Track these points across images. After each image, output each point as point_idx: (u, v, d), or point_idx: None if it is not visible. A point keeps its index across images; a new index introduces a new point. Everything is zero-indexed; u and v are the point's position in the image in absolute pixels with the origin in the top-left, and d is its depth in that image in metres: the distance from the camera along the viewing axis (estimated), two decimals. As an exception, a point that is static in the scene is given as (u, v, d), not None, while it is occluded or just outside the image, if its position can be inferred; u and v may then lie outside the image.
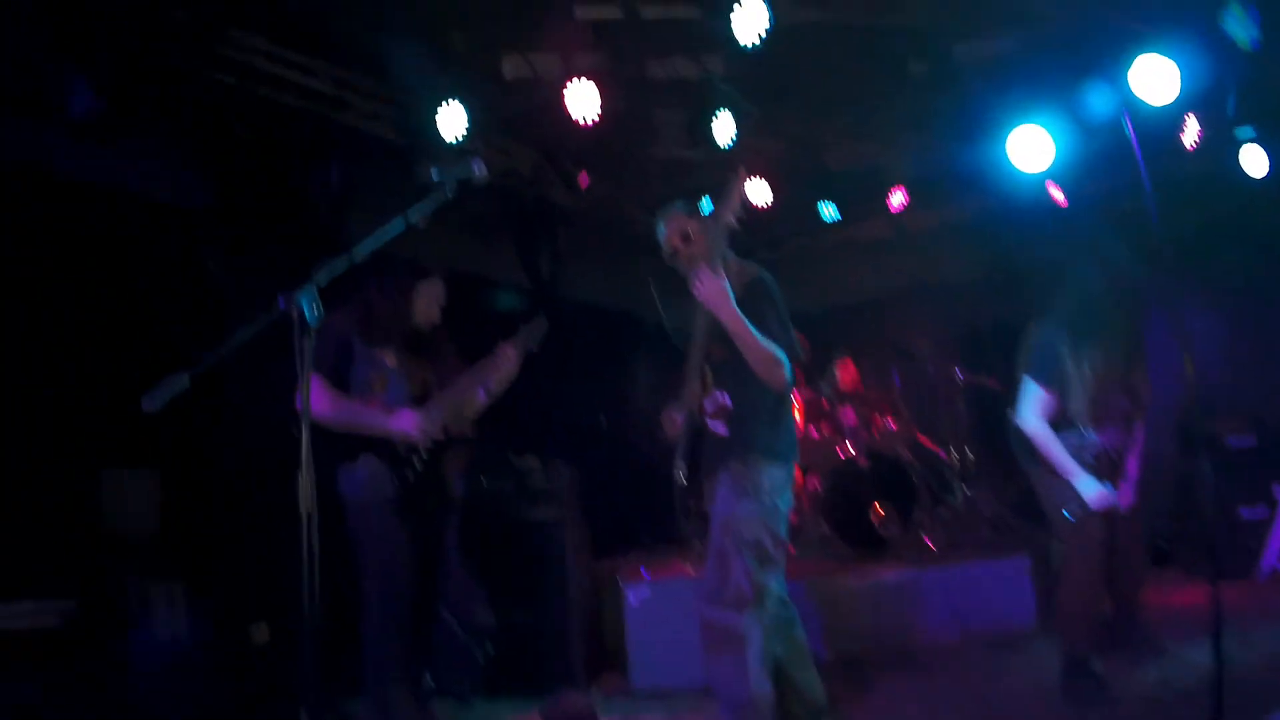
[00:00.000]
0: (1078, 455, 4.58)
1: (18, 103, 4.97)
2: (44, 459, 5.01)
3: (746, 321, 3.63)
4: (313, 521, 2.66)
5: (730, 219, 3.70)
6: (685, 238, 3.99)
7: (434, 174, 3.17)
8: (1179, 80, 6.02)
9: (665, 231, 4.06)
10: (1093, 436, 4.65)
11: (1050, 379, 4.58)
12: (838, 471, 7.15)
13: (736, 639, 3.64)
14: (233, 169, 5.89)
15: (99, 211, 5.42)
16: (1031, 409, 4.63)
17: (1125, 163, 7.26)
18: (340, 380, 4.28)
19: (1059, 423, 4.64)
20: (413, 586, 4.31)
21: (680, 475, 3.94)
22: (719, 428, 3.81)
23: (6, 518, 4.78)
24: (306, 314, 2.71)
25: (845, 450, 7.44)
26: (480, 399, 4.60)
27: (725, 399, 3.79)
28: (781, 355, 3.70)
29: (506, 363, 4.53)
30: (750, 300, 3.74)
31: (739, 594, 3.66)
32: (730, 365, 3.80)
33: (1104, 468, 4.62)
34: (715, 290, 3.60)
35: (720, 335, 3.74)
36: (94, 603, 4.64)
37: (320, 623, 2.64)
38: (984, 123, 7.32)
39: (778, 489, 3.84)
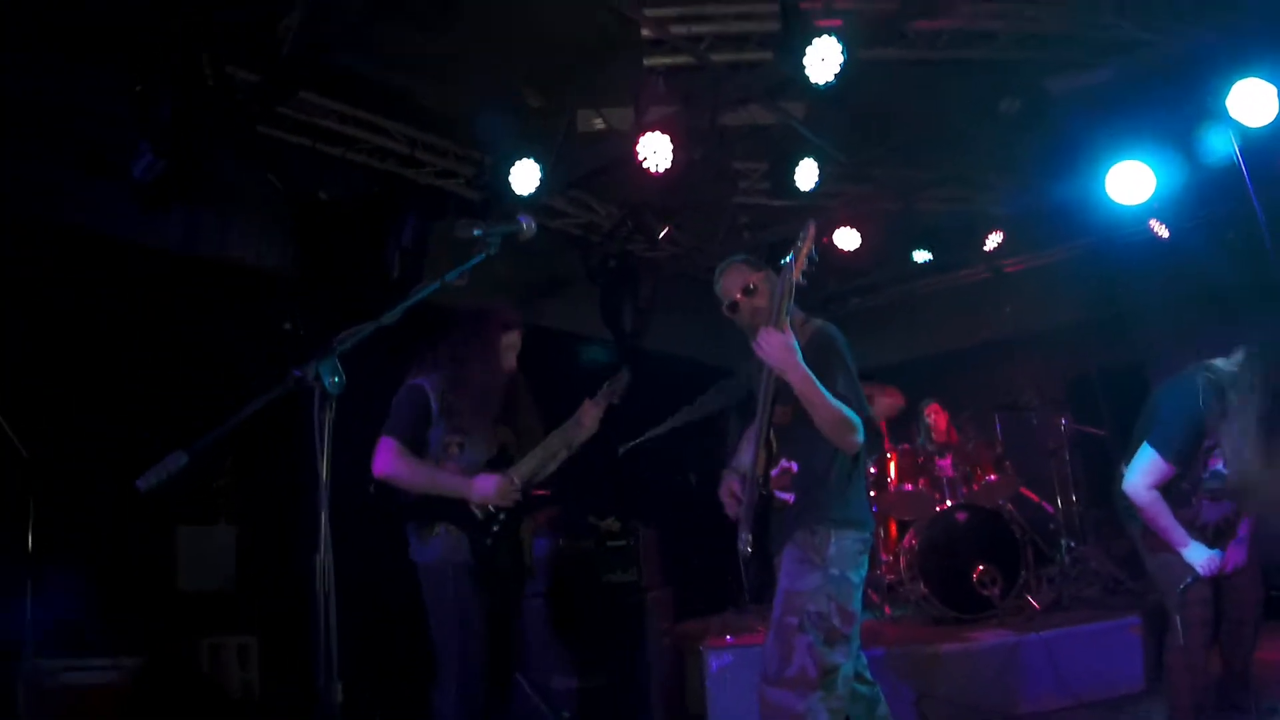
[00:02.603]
0: (1188, 527, 4.21)
1: (87, 167, 5.10)
2: (121, 515, 5.03)
3: (816, 381, 3.37)
4: (330, 601, 2.50)
5: (798, 275, 3.47)
6: (747, 291, 3.77)
7: (476, 230, 3.06)
8: (1278, 103, 5.66)
9: (724, 284, 3.85)
10: (1207, 513, 4.28)
11: (1177, 456, 4.12)
12: (934, 526, 6.81)
13: None
14: (307, 229, 5.95)
15: (175, 275, 5.51)
16: (1144, 478, 4.17)
17: (1228, 191, 6.95)
18: (418, 442, 4.22)
19: (1174, 496, 4.21)
20: (487, 653, 4.17)
21: (745, 546, 3.65)
22: (786, 496, 3.57)
23: (83, 573, 4.82)
24: (326, 384, 2.57)
25: (943, 504, 7.11)
26: (562, 458, 4.50)
27: (792, 465, 3.56)
28: (854, 416, 3.43)
29: (589, 420, 4.43)
30: (817, 358, 3.48)
31: (802, 675, 3.33)
32: (797, 430, 3.55)
33: (1216, 538, 4.24)
34: (780, 347, 3.36)
35: (786, 398, 3.49)
36: (164, 659, 4.64)
37: (334, 703, 2.49)
38: (1080, 158, 7.03)
39: (848, 560, 3.52)
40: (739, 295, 3.78)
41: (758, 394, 3.63)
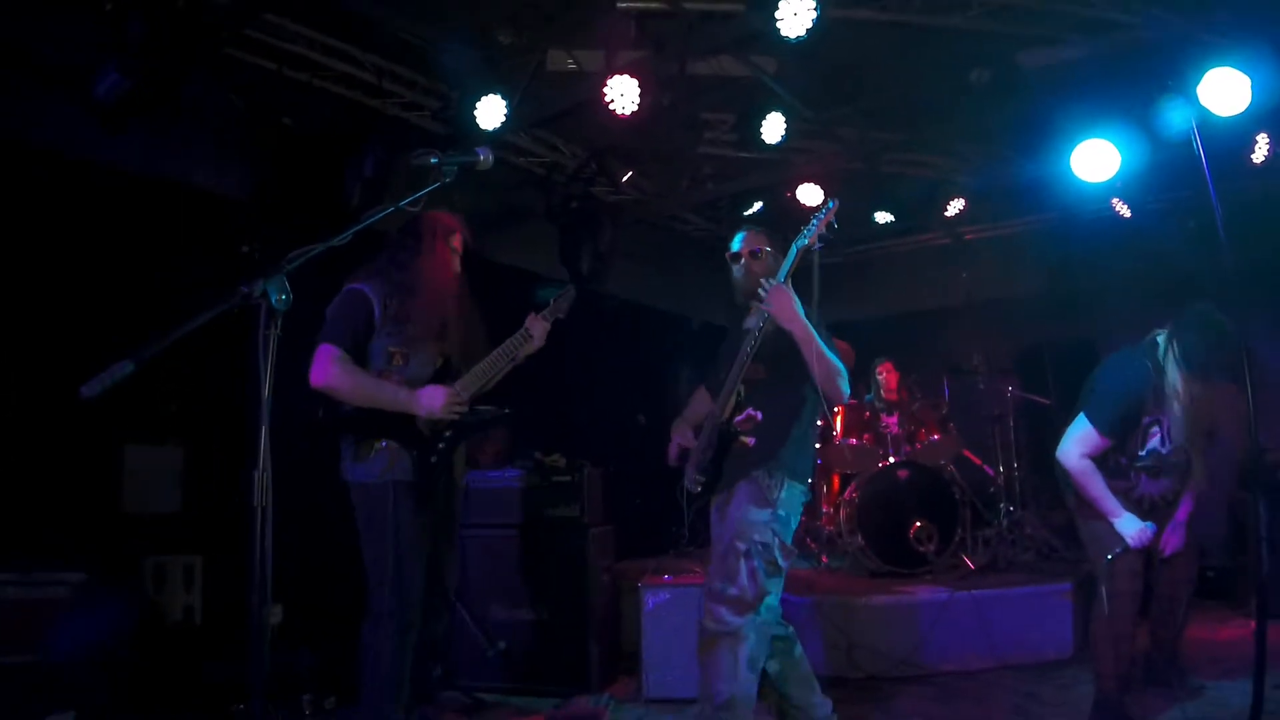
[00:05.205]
0: (1124, 498, 4.30)
1: (50, 86, 5.02)
2: (68, 433, 5.01)
3: (817, 334, 3.73)
4: (267, 515, 2.56)
5: (814, 242, 3.78)
6: (755, 255, 4.11)
7: (433, 159, 3.08)
8: (1249, 94, 5.72)
9: (745, 238, 4.18)
10: (1146, 486, 4.39)
11: (1111, 430, 4.21)
12: (876, 481, 6.94)
13: (730, 638, 3.67)
14: (269, 154, 5.89)
15: (133, 197, 5.45)
16: (1077, 447, 4.26)
17: (1194, 178, 7.01)
18: (359, 353, 4.09)
19: (1110, 468, 4.32)
20: (420, 575, 4.08)
21: (694, 485, 4.00)
22: (748, 440, 3.87)
23: (29, 490, 4.80)
24: (272, 301, 2.59)
25: (886, 460, 7.24)
26: (506, 369, 4.40)
27: (758, 415, 3.83)
28: (844, 369, 3.81)
29: (538, 333, 4.40)
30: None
31: (742, 595, 3.69)
32: (765, 386, 3.90)
33: (1151, 512, 4.36)
34: (787, 303, 3.73)
35: (764, 356, 3.83)
36: (106, 577, 4.65)
37: (264, 622, 2.55)
38: (1047, 133, 7.08)
39: (793, 507, 3.89)
40: (747, 253, 4.13)
41: (737, 347, 3.93)
